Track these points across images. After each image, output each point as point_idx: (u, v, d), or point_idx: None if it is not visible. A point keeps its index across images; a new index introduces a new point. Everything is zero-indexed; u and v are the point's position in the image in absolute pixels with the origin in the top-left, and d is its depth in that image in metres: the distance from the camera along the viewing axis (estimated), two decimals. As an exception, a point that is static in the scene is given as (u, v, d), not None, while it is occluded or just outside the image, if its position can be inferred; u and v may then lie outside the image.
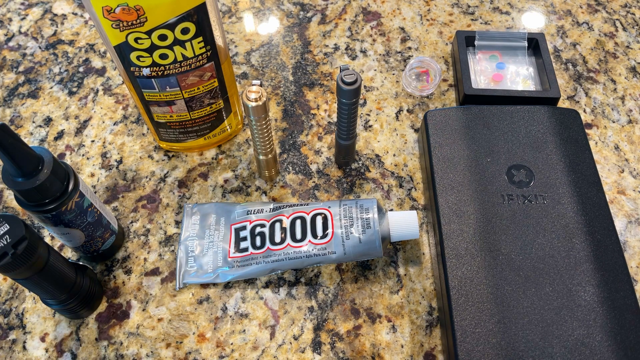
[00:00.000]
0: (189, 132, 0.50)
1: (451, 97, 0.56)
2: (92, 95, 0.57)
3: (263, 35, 0.62)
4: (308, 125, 0.55)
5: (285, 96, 0.57)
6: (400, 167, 0.52)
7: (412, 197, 0.50)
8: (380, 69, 0.59)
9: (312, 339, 0.43)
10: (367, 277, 0.45)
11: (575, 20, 0.63)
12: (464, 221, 0.43)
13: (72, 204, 0.38)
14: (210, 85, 0.46)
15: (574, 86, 0.57)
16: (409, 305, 0.44)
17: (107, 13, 0.37)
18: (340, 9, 0.65)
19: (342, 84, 0.41)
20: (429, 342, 0.42)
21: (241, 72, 0.59)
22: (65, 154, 0.53)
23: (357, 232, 0.42)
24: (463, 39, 0.56)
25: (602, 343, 0.37)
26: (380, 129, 0.54)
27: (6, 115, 0.56)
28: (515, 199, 0.44)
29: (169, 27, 0.39)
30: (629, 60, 0.59)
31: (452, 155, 0.46)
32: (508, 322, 0.38)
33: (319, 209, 0.44)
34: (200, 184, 0.51)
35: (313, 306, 0.44)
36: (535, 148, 0.46)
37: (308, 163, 0.52)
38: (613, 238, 0.42)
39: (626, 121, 0.55)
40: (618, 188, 0.50)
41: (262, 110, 0.41)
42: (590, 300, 0.39)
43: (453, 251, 0.41)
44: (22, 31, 0.64)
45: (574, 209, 0.43)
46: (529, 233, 0.42)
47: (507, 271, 0.40)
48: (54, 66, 0.60)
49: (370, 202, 0.43)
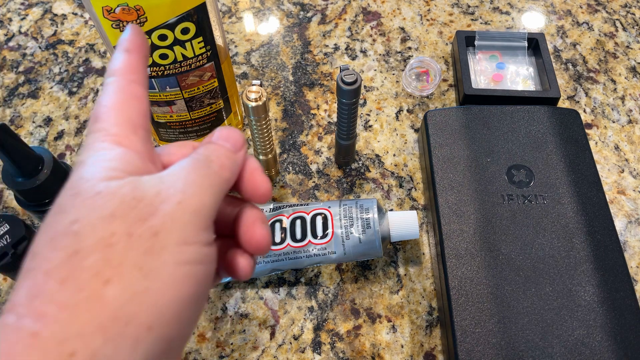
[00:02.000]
0: (189, 132, 0.50)
1: (451, 97, 0.56)
2: (92, 95, 0.57)
3: (263, 35, 0.62)
4: (308, 125, 0.55)
5: (285, 96, 0.57)
6: (400, 167, 0.52)
7: (412, 197, 0.50)
8: (380, 69, 0.59)
9: (312, 339, 0.43)
10: (367, 277, 0.45)
11: (575, 20, 0.63)
12: (464, 221, 0.43)
13: (72, 204, 0.38)
14: (210, 85, 0.46)
15: (574, 86, 0.57)
16: (409, 305, 0.44)
17: (107, 13, 0.37)
18: (340, 9, 0.65)
19: (342, 84, 0.41)
20: (429, 342, 0.42)
21: (241, 72, 0.59)
22: (65, 154, 0.53)
23: (357, 232, 0.42)
24: (463, 39, 0.56)
25: (602, 343, 0.37)
26: (380, 129, 0.54)
27: (6, 115, 0.56)
28: (515, 199, 0.44)
29: (169, 27, 0.39)
30: (629, 60, 0.59)
31: (452, 155, 0.46)
32: (508, 322, 0.38)
33: (319, 209, 0.44)
34: (200, 184, 0.51)
35: (313, 306, 0.44)
36: (535, 148, 0.46)
37: (308, 163, 0.52)
38: (613, 238, 0.42)
39: (626, 121, 0.55)
40: (618, 188, 0.50)
41: (262, 110, 0.41)
42: (590, 300, 0.39)
43: (453, 251, 0.41)
44: (22, 31, 0.64)
45: (574, 209, 0.43)
46: (529, 233, 0.42)
47: (507, 271, 0.40)
48: (54, 66, 0.60)
49: (370, 202, 0.43)
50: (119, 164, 0.20)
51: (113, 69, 0.22)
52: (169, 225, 0.19)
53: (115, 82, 0.22)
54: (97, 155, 0.20)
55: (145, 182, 0.20)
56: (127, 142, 0.21)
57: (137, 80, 0.22)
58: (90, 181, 0.19)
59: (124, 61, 0.23)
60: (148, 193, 0.19)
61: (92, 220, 0.18)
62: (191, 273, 0.19)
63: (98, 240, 0.18)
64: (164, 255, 0.18)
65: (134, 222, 0.18)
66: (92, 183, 0.19)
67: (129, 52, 0.23)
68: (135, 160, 0.21)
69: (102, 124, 0.21)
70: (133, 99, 0.22)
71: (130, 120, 0.21)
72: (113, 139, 0.21)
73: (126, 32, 0.24)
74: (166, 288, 0.18)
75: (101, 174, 0.19)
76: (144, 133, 0.22)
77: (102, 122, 0.21)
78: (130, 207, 0.19)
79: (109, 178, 0.19)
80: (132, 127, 0.21)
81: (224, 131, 0.24)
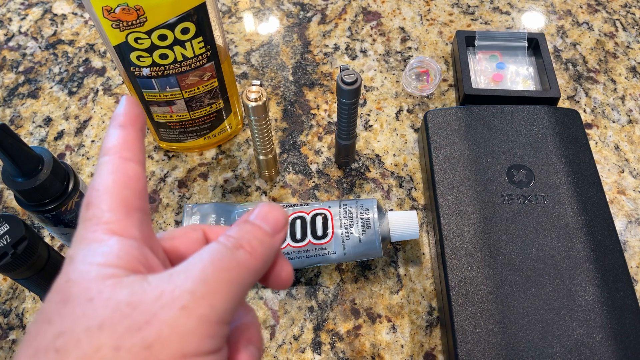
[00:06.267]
0: (188, 132, 0.50)
1: (451, 97, 0.56)
2: (92, 95, 0.57)
3: (263, 35, 0.62)
4: (308, 125, 0.55)
5: (285, 96, 0.57)
6: (400, 167, 0.52)
7: (412, 197, 0.50)
8: (380, 69, 0.59)
9: (312, 339, 0.43)
10: (367, 277, 0.45)
11: (575, 20, 0.63)
12: (464, 221, 0.43)
13: (72, 204, 0.38)
14: (210, 85, 0.46)
15: (574, 86, 0.57)
16: (409, 305, 0.44)
17: (107, 13, 0.37)
18: (340, 9, 0.65)
19: (342, 84, 0.41)
20: (429, 342, 0.42)
21: (241, 72, 0.59)
22: (65, 154, 0.53)
23: (357, 232, 0.42)
24: (463, 39, 0.56)
25: (602, 343, 0.37)
26: (380, 129, 0.54)
27: (6, 115, 0.56)
28: (515, 199, 0.43)
29: (169, 27, 0.39)
30: (629, 60, 0.59)
31: (452, 155, 0.46)
32: (508, 322, 0.38)
33: (319, 209, 0.44)
34: (200, 184, 0.51)
35: (313, 306, 0.44)
36: (535, 148, 0.46)
37: (308, 163, 0.52)
38: (613, 238, 0.42)
39: (626, 121, 0.55)
40: (618, 188, 0.50)
41: (262, 110, 0.41)
42: (590, 300, 0.39)
43: (453, 251, 0.41)
44: (22, 31, 0.64)
45: (574, 209, 0.43)
46: (529, 233, 0.42)
47: (507, 271, 0.40)
48: (54, 66, 0.60)
49: (370, 202, 0.43)
50: (113, 259, 0.18)
51: (107, 147, 0.21)
52: (165, 335, 0.16)
53: (109, 163, 0.20)
54: (88, 249, 0.18)
55: (149, 283, 0.18)
56: (120, 229, 0.19)
57: (132, 157, 0.21)
58: (81, 284, 0.17)
59: (118, 138, 0.21)
60: (147, 297, 0.17)
61: (78, 334, 0.16)
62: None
63: (81, 357, 0.16)
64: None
65: (124, 333, 0.16)
66: (83, 286, 0.17)
67: (123, 128, 0.21)
68: (131, 250, 0.19)
69: (94, 210, 0.19)
70: (127, 179, 0.20)
71: (124, 203, 0.19)
72: (105, 227, 0.19)
73: (120, 105, 0.22)
74: None
75: (94, 273, 0.17)
76: (141, 215, 0.20)
77: (93, 209, 0.19)
78: (122, 316, 0.16)
79: (104, 278, 0.17)
80: (126, 210, 0.19)
81: (264, 208, 0.21)
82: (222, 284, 0.18)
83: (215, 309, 0.18)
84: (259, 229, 0.20)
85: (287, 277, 0.22)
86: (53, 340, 0.16)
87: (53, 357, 0.16)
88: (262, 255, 0.20)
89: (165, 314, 0.17)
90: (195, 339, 0.17)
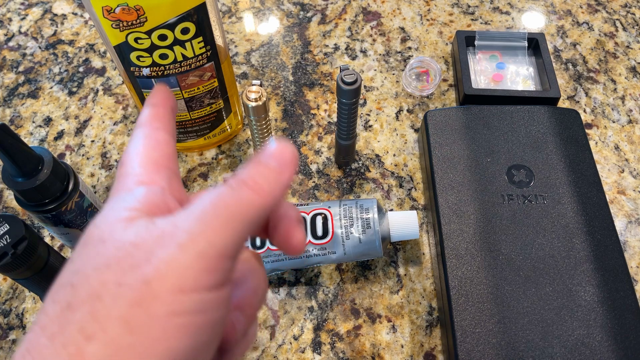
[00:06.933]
0: (188, 132, 0.50)
1: (451, 97, 0.56)
2: (92, 95, 0.57)
3: (263, 35, 0.62)
4: (308, 125, 0.55)
5: (285, 96, 0.57)
6: (400, 167, 0.52)
7: (412, 197, 0.50)
8: (380, 69, 0.59)
9: (312, 339, 0.43)
10: (367, 277, 0.45)
11: (575, 20, 0.63)
12: (464, 221, 0.43)
13: (72, 204, 0.38)
14: (210, 85, 0.46)
15: (574, 86, 0.57)
16: (409, 305, 0.44)
17: (107, 13, 0.37)
18: (340, 9, 0.65)
19: (342, 84, 0.41)
20: (429, 342, 0.42)
21: (241, 72, 0.59)
22: (65, 154, 0.53)
23: (357, 232, 0.42)
24: (463, 39, 0.56)
25: (602, 343, 0.37)
26: (380, 129, 0.54)
27: (6, 115, 0.56)
28: (515, 199, 0.43)
29: (169, 27, 0.39)
30: (629, 60, 0.59)
31: (452, 155, 0.46)
32: (508, 322, 0.38)
33: (319, 209, 0.44)
34: (200, 184, 0.51)
35: (313, 306, 0.44)
36: (535, 148, 0.46)
37: (308, 163, 0.52)
38: (613, 238, 0.42)
39: (626, 121, 0.55)
40: (618, 188, 0.50)
41: (262, 110, 0.41)
42: (590, 300, 0.39)
43: (453, 251, 0.41)
44: (22, 31, 0.64)
45: (574, 209, 0.43)
46: (529, 233, 0.42)
47: (507, 271, 0.40)
48: (54, 66, 0.60)
49: (370, 202, 0.43)
50: (134, 204, 0.19)
51: (139, 121, 0.23)
52: (162, 272, 0.17)
53: (141, 131, 0.22)
54: (117, 198, 0.20)
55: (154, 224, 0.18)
56: (148, 179, 0.20)
57: (162, 127, 0.23)
58: (101, 227, 0.19)
59: (150, 112, 0.23)
60: (150, 237, 0.18)
61: (89, 271, 0.18)
62: (188, 324, 0.17)
63: (89, 292, 0.17)
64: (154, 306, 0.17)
65: (127, 270, 0.17)
66: (101, 229, 0.19)
67: (154, 106, 0.23)
68: (155, 197, 0.20)
69: (126, 168, 0.21)
70: (157, 143, 0.22)
71: (153, 161, 0.21)
72: (135, 178, 0.20)
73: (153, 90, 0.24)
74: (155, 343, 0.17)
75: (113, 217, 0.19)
76: (169, 172, 0.21)
77: (126, 167, 0.21)
78: (126, 255, 0.18)
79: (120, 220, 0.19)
80: (156, 167, 0.21)
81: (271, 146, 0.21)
82: (221, 220, 0.18)
83: (214, 244, 0.18)
84: (265, 166, 0.20)
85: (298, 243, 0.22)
86: (71, 276, 0.18)
87: (69, 291, 0.18)
88: (268, 192, 0.20)
89: (162, 252, 0.18)
90: (192, 273, 0.17)
